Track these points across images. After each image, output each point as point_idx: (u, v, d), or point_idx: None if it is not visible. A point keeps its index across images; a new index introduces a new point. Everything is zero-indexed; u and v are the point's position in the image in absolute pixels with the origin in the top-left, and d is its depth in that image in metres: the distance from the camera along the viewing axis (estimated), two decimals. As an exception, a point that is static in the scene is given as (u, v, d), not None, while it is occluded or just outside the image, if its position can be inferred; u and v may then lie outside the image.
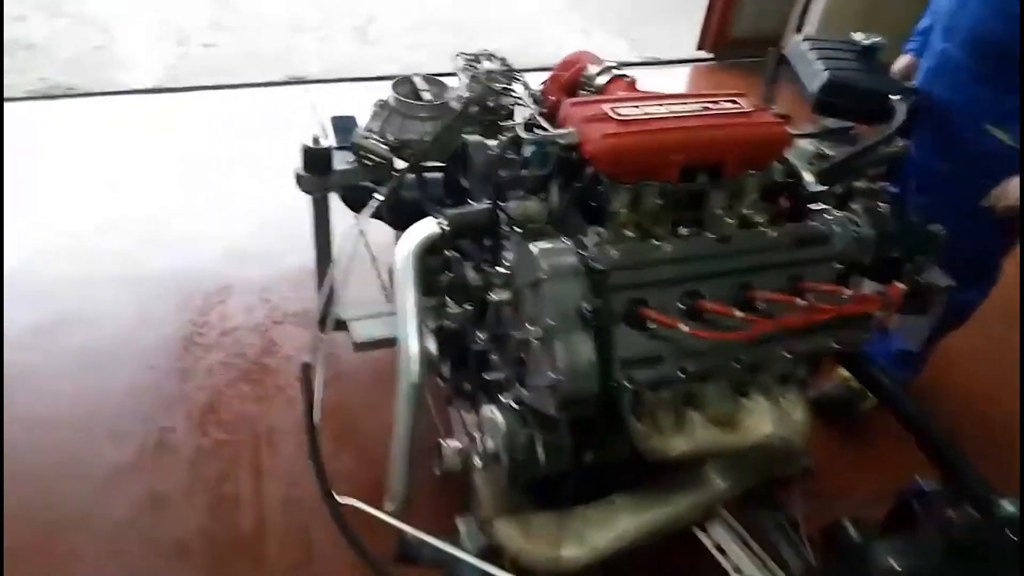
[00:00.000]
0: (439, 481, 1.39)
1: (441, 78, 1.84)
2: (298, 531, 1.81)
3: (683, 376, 1.25)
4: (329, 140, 1.80)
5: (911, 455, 1.98)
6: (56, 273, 2.58)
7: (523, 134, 1.36)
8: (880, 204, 1.45)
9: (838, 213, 1.41)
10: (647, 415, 1.32)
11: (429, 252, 1.37)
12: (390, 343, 1.59)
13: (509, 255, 1.31)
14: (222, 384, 2.19)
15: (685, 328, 1.21)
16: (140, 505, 1.85)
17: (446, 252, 1.44)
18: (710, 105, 1.37)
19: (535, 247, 1.21)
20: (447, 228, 1.35)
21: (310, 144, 1.73)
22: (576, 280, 1.18)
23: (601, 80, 1.62)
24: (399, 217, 1.63)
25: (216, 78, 4.11)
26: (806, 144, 1.55)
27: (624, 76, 1.62)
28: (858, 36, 1.87)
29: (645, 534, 1.44)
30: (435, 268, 1.43)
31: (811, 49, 1.87)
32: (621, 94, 1.56)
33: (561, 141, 1.30)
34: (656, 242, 1.28)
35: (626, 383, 1.22)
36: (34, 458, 1.94)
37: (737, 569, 0.96)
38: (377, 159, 1.70)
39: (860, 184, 1.52)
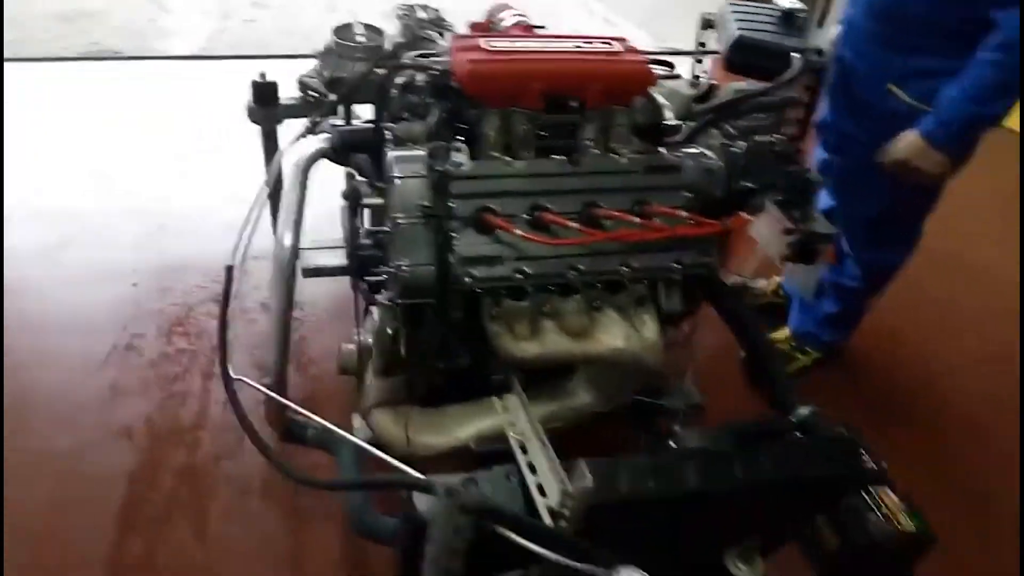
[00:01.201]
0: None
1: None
2: (233, 428, 2.01)
3: (520, 277, 1.39)
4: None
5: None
6: (75, 203, 2.91)
7: (406, 61, 1.52)
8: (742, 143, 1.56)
9: (694, 148, 1.52)
10: (505, 321, 1.47)
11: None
12: (337, 271, 1.78)
13: (389, 166, 1.49)
14: (194, 302, 2.43)
15: (518, 232, 1.36)
16: (100, 394, 2.11)
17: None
18: (583, 44, 1.51)
19: (393, 153, 1.37)
20: (335, 143, 1.53)
21: (258, 79, 1.94)
22: (421, 181, 1.34)
23: (506, 24, 1.77)
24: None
25: (250, 50, 4.43)
26: (682, 89, 1.66)
27: (527, 22, 1.78)
28: (781, 1, 1.97)
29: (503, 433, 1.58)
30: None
31: (732, 12, 1.98)
32: (512, 31, 1.71)
33: (435, 67, 1.46)
34: (508, 159, 1.43)
35: (466, 278, 1.37)
36: (19, 354, 2.23)
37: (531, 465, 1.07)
38: (315, 94, 1.90)
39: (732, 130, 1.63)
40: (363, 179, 1.63)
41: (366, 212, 1.62)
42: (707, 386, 2.27)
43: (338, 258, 2.19)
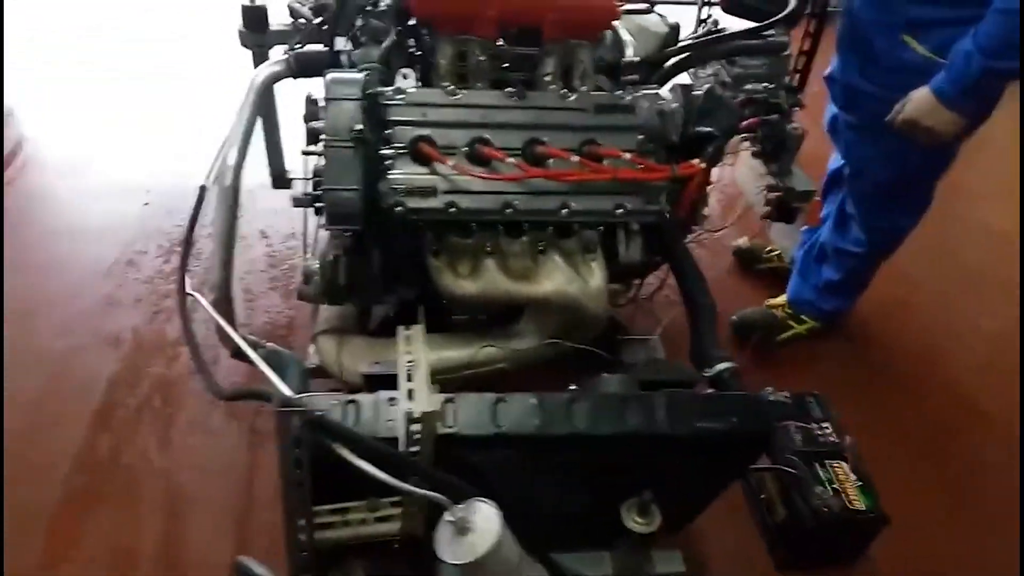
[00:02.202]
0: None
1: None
2: (209, 345, 2.08)
3: (454, 211, 1.37)
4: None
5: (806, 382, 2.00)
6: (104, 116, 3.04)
7: (362, -17, 1.49)
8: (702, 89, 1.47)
9: (651, 89, 1.44)
10: (447, 256, 1.46)
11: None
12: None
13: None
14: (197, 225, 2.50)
15: (450, 163, 1.33)
16: (98, 302, 2.21)
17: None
18: (548, -28, 1.44)
19: (330, 74, 1.35)
20: (292, 66, 1.52)
21: (247, 3, 1.94)
22: (354, 104, 1.32)
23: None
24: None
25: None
26: (654, 26, 1.56)
27: None
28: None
29: (441, 368, 1.58)
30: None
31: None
32: None
33: (388, -10, 1.43)
34: (452, 88, 1.39)
35: (397, 208, 1.36)
36: (36, 256, 2.37)
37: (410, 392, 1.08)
38: (304, 19, 1.88)
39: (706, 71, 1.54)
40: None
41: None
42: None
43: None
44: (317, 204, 1.55)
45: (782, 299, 2.30)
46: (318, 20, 1.80)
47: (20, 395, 1.93)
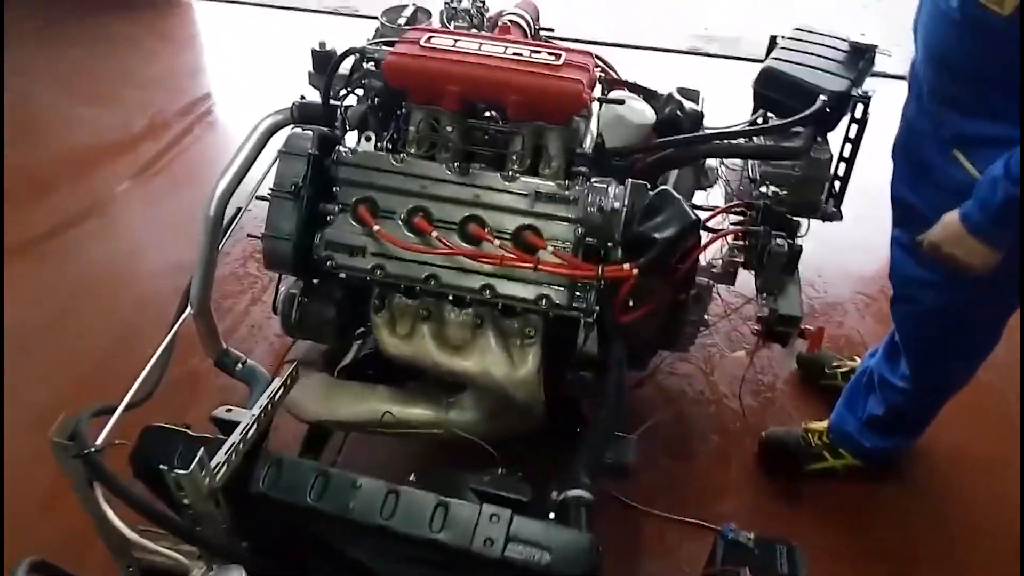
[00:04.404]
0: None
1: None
2: (246, 350, 2.27)
3: (379, 274, 1.40)
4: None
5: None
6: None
7: (359, 46, 1.56)
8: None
9: (603, 183, 1.36)
10: (388, 314, 1.49)
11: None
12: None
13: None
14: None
15: (376, 228, 1.36)
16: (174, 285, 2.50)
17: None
18: (528, 53, 1.43)
19: (293, 130, 1.45)
20: (294, 114, 1.64)
21: (316, 48, 2.11)
22: (299, 160, 1.40)
23: (499, 21, 1.72)
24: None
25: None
26: (637, 117, 1.47)
27: (519, 23, 1.70)
28: (859, 37, 1.64)
29: (379, 422, 1.59)
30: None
31: (791, 39, 1.70)
32: (476, 32, 1.65)
33: (373, 55, 1.49)
34: (399, 155, 1.42)
35: (327, 262, 1.41)
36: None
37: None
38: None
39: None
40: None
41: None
42: (686, 447, 2.03)
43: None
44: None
45: (823, 425, 2.03)
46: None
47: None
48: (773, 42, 1.76)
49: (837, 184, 1.66)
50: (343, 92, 1.59)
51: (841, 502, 1.95)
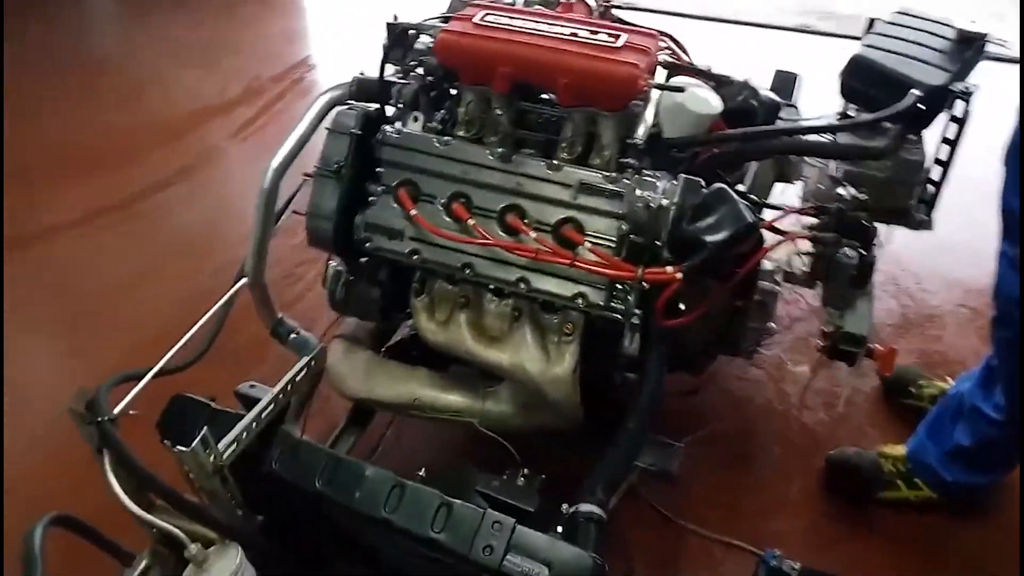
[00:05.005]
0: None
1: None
2: (307, 318, 2.29)
3: (415, 258, 1.37)
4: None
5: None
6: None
7: (414, 22, 1.51)
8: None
9: (654, 177, 1.27)
10: (428, 299, 1.46)
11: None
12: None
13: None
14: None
15: (413, 212, 1.33)
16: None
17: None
18: (586, 34, 1.34)
19: (340, 107, 1.43)
20: (351, 91, 1.62)
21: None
22: (344, 139, 1.38)
23: (571, -1, 1.63)
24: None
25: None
26: (701, 107, 1.34)
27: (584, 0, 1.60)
28: (969, 24, 1.45)
29: (414, 405, 1.57)
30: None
31: (891, 23, 1.52)
32: (538, 9, 1.56)
33: (429, 33, 1.45)
34: (443, 138, 1.37)
35: (367, 243, 1.40)
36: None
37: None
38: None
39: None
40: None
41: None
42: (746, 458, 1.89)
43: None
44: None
45: (901, 450, 1.85)
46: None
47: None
48: (872, 25, 1.58)
49: (931, 189, 1.48)
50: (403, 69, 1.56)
51: (911, 536, 1.77)
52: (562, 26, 1.37)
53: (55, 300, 2.45)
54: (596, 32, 1.34)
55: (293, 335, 1.82)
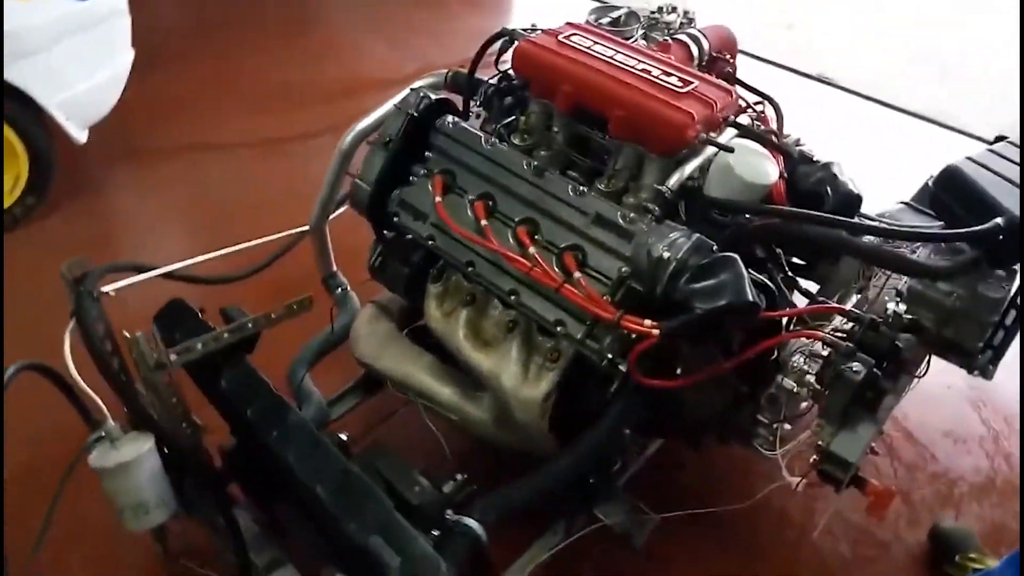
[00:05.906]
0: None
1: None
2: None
3: (430, 242, 1.41)
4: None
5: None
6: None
7: (510, 28, 1.55)
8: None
9: (668, 229, 1.21)
10: (441, 288, 1.50)
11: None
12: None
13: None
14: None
15: (438, 199, 1.38)
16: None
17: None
18: (658, 73, 1.33)
19: (412, 85, 1.51)
20: (446, 81, 1.69)
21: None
22: (401, 115, 1.45)
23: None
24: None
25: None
26: (748, 173, 1.26)
27: (687, 43, 1.57)
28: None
29: (407, 384, 1.61)
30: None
31: (1012, 143, 1.35)
32: (632, 43, 1.52)
33: (518, 39, 1.49)
34: (491, 139, 1.41)
35: (395, 217, 1.46)
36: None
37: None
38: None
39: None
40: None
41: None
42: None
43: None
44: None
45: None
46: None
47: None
48: (997, 141, 1.41)
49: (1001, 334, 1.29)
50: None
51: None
52: (639, 61, 1.35)
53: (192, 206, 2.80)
54: (670, 75, 1.32)
55: (340, 289, 1.94)
